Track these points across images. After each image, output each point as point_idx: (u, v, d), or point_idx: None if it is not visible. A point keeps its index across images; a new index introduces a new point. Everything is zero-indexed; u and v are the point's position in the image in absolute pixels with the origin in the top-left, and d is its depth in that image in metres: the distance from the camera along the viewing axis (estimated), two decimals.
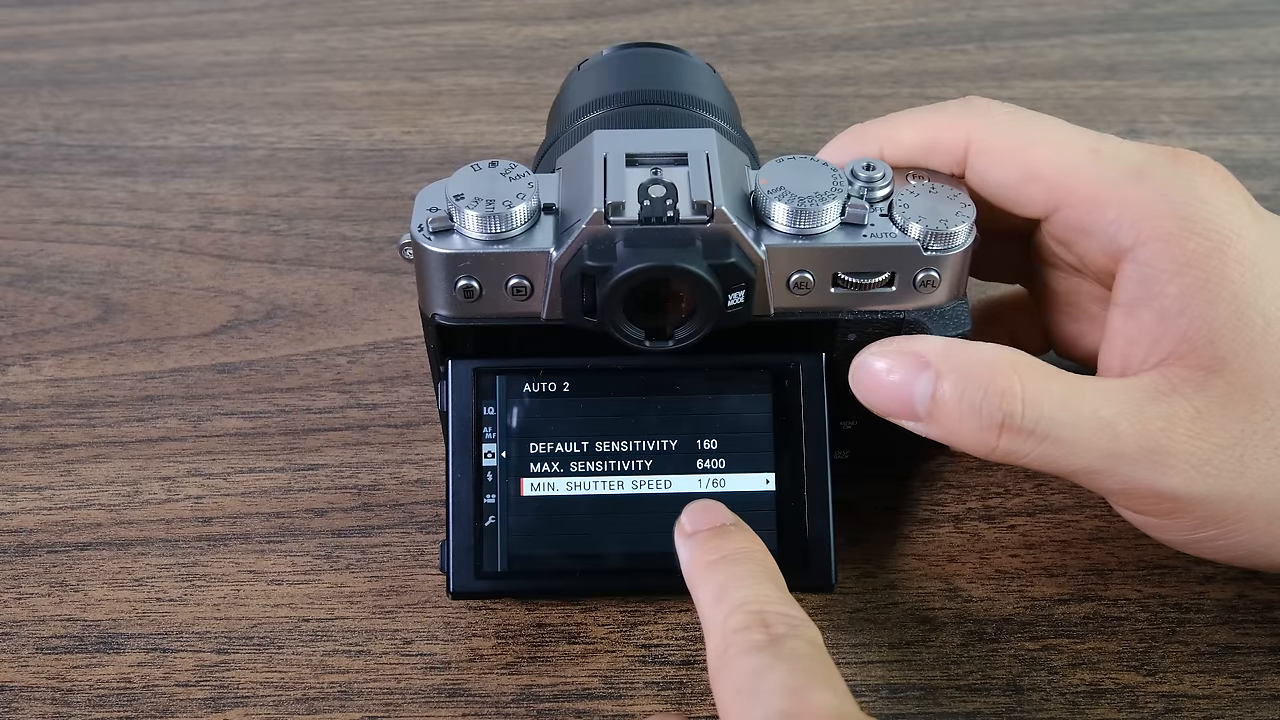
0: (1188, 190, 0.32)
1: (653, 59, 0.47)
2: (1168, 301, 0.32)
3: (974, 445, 0.32)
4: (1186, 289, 0.32)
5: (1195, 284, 0.32)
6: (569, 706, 0.35)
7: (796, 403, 0.36)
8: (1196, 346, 0.32)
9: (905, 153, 0.36)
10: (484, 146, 0.58)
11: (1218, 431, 0.31)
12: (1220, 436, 0.31)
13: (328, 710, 0.35)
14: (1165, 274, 0.32)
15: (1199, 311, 0.32)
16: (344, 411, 0.44)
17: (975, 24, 0.67)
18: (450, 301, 0.34)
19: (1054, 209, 0.35)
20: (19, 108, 0.61)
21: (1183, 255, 0.32)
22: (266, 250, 0.52)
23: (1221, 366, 0.31)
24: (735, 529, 0.33)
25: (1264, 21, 0.66)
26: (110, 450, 0.43)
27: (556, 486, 0.36)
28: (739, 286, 0.33)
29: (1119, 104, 0.60)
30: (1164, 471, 0.31)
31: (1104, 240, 0.34)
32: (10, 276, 0.51)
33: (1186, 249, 0.32)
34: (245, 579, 0.39)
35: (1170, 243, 0.32)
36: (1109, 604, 0.38)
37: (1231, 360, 0.31)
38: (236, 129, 0.59)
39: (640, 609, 0.38)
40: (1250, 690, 0.35)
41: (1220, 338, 0.31)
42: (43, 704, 0.35)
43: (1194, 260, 0.32)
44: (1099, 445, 0.31)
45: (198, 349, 0.47)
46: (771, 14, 0.68)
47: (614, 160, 0.34)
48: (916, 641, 0.37)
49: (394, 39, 0.66)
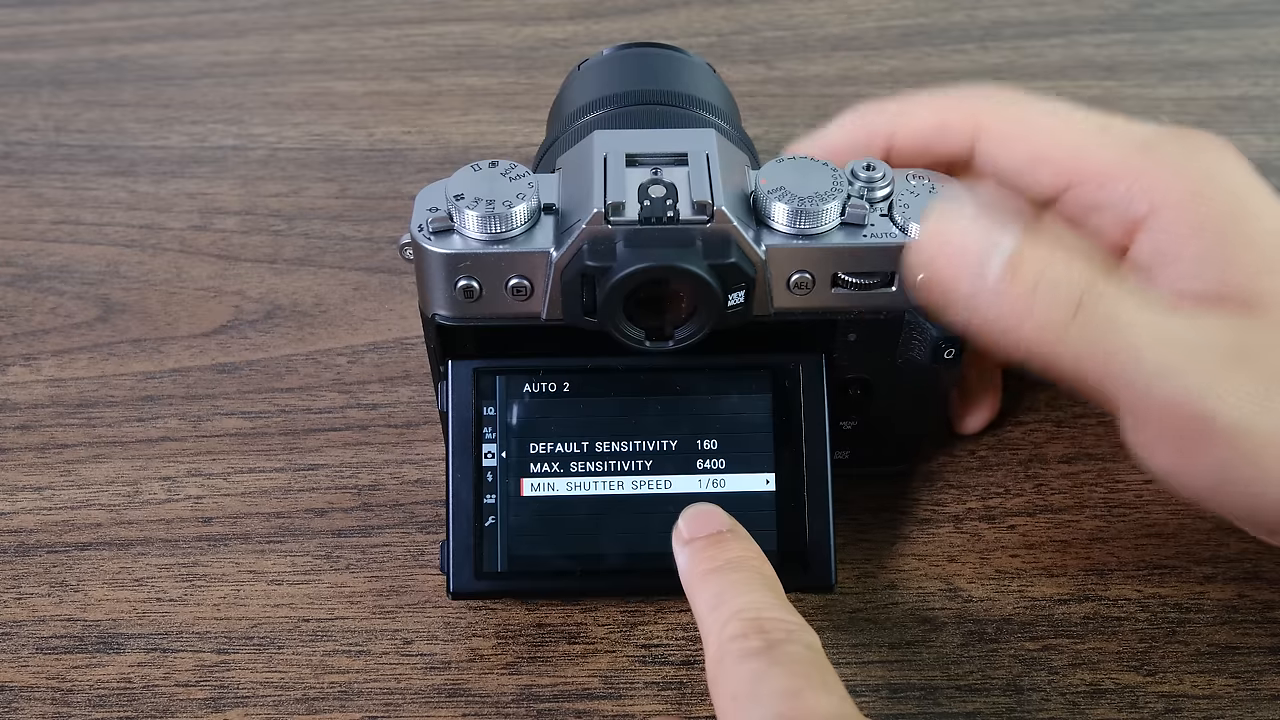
0: (1196, 161, 0.33)
1: (652, 59, 0.47)
2: (1184, 265, 0.32)
3: (1037, 329, 0.31)
4: (1202, 251, 0.32)
5: (1211, 245, 0.32)
6: (569, 706, 0.35)
7: (796, 403, 0.36)
8: (1223, 297, 0.31)
9: (914, 135, 0.36)
10: (484, 146, 0.58)
11: (1260, 363, 0.30)
12: (1261, 368, 0.30)
13: (328, 710, 0.35)
14: (1180, 238, 0.32)
15: (1217, 271, 0.31)
16: (344, 411, 0.44)
17: (975, 24, 0.67)
18: (450, 301, 0.34)
19: (1064, 188, 0.35)
20: (19, 108, 0.61)
21: (1197, 219, 0.32)
22: (266, 250, 0.52)
23: (1251, 309, 0.31)
24: (732, 536, 0.33)
25: (1264, 21, 0.66)
26: (110, 450, 0.43)
27: (556, 487, 0.36)
28: (739, 286, 0.33)
29: (1119, 104, 0.60)
30: (1204, 396, 0.30)
31: (1117, 213, 0.34)
32: (10, 276, 0.51)
33: (1200, 213, 0.32)
34: (245, 579, 0.39)
35: (1184, 208, 0.32)
36: (1109, 604, 0.38)
37: (1261, 301, 0.31)
38: (236, 129, 0.59)
39: (640, 609, 0.38)
40: (1250, 690, 0.35)
41: (1246, 285, 0.31)
42: (43, 704, 0.35)
43: (1208, 223, 0.32)
44: (1153, 356, 0.30)
45: (198, 349, 0.47)
46: (771, 14, 0.68)
47: (614, 160, 0.34)
48: (916, 641, 0.37)
49: (394, 39, 0.66)
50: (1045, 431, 0.43)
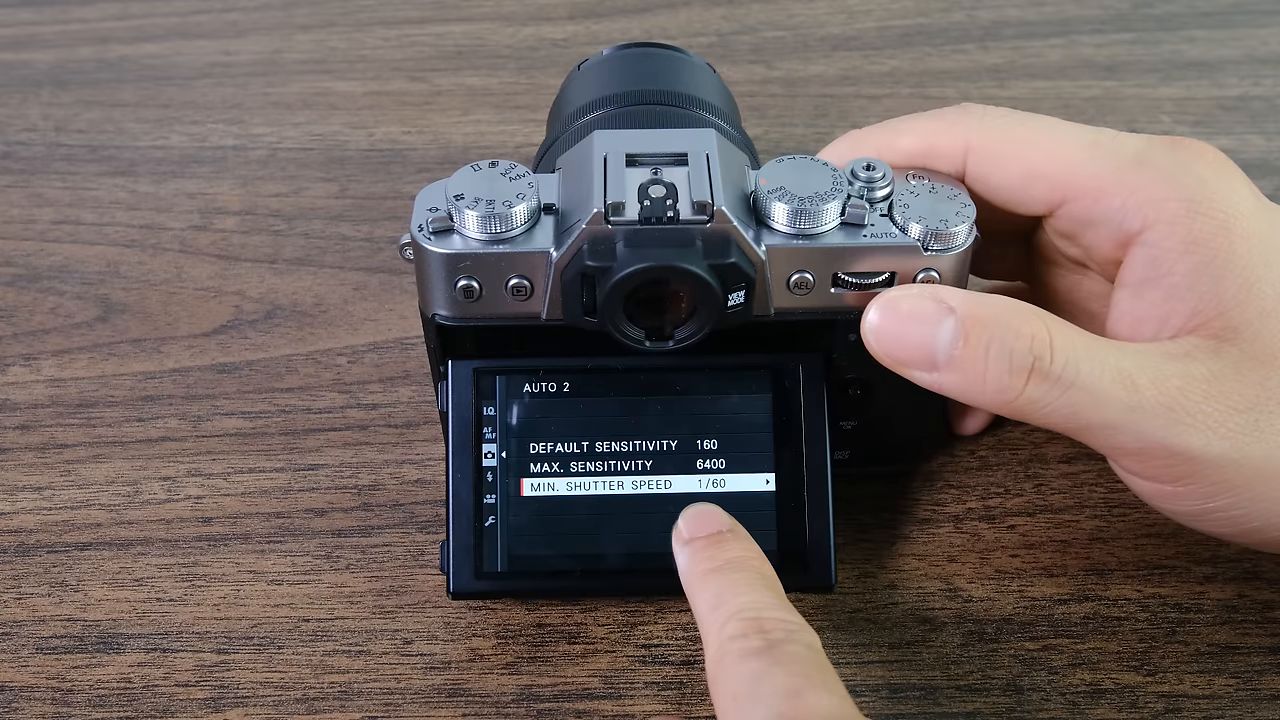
0: (1190, 173, 0.33)
1: (652, 59, 0.47)
2: (1176, 279, 0.32)
3: (995, 394, 0.31)
4: (1195, 267, 0.32)
5: (1203, 261, 0.32)
6: (569, 706, 0.35)
7: (796, 403, 0.36)
8: (1207, 319, 0.32)
9: (905, 159, 0.36)
10: (484, 146, 0.58)
11: (1233, 395, 0.31)
12: (1236, 400, 0.31)
13: (328, 710, 0.35)
14: (1173, 254, 0.32)
15: (1208, 287, 0.32)
16: (344, 411, 0.44)
17: (975, 24, 0.67)
18: (450, 301, 0.34)
19: (1058, 204, 0.35)
20: (19, 108, 0.61)
21: (1190, 235, 0.32)
22: (266, 250, 0.52)
23: (1234, 335, 0.31)
24: (732, 536, 0.33)
25: (1264, 21, 0.66)
26: (110, 450, 0.43)
27: (556, 487, 0.36)
28: (739, 286, 0.33)
29: (1119, 104, 0.60)
30: (1181, 430, 0.31)
31: (1111, 229, 0.34)
32: (10, 276, 0.51)
33: (1193, 229, 0.32)
34: (245, 579, 0.39)
35: (1177, 224, 0.32)
36: (1109, 604, 0.38)
37: (1244, 329, 0.31)
38: (236, 129, 0.59)
39: (640, 609, 0.38)
40: (1250, 690, 0.35)
41: (1231, 309, 0.32)
42: (43, 704, 0.35)
43: (1201, 239, 0.32)
44: (1120, 398, 0.31)
45: (198, 349, 0.47)
46: (771, 14, 0.68)
47: (614, 160, 0.34)
48: (916, 641, 0.37)
49: (394, 39, 0.66)
50: (1045, 431, 0.43)
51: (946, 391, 0.32)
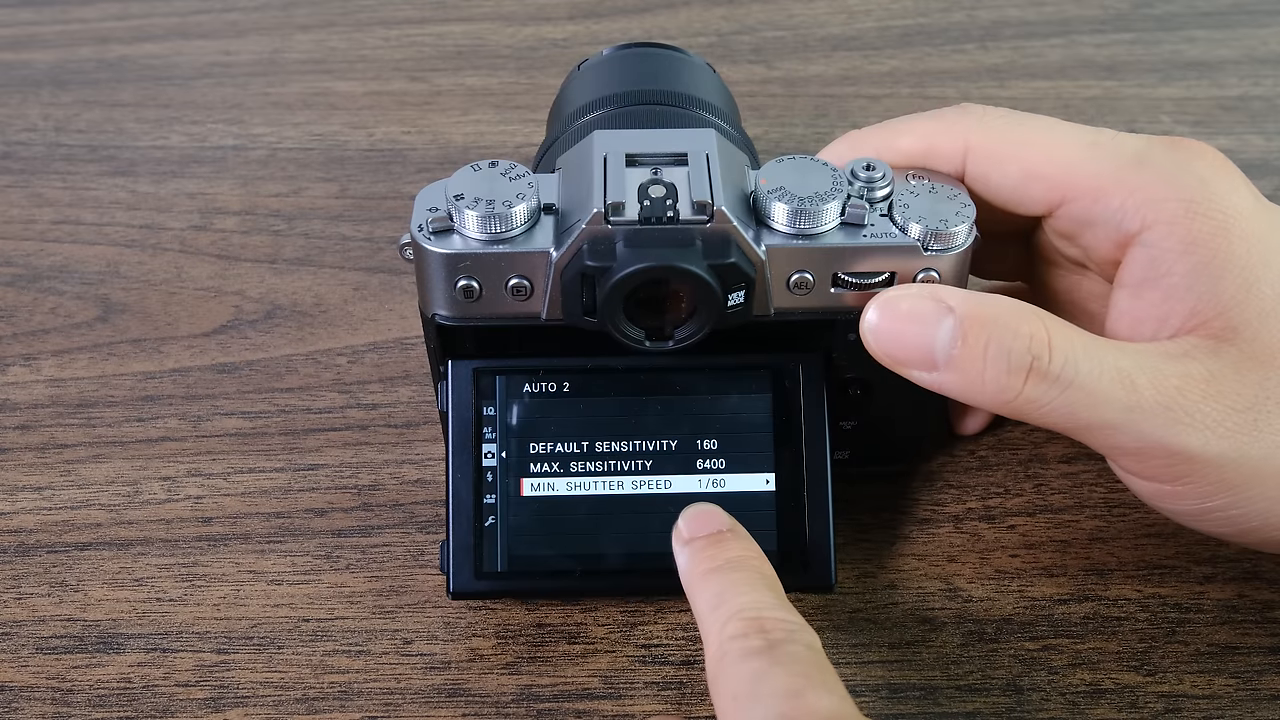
0: (1189, 173, 0.33)
1: (652, 59, 0.47)
2: (1175, 280, 0.32)
3: (994, 393, 0.31)
4: (1194, 267, 0.32)
5: (1202, 261, 0.32)
6: (569, 706, 0.35)
7: (796, 403, 0.36)
8: (1206, 319, 0.32)
9: (904, 159, 0.36)
10: (484, 146, 0.58)
11: (1232, 394, 0.31)
12: (1234, 399, 0.31)
13: (328, 710, 0.35)
14: (1173, 254, 0.32)
15: (1207, 287, 0.32)
16: (344, 411, 0.44)
17: (975, 24, 0.67)
18: (450, 301, 0.34)
19: (1057, 205, 0.35)
20: (19, 108, 0.61)
21: (1189, 235, 0.32)
22: (266, 250, 0.52)
23: (1233, 335, 0.31)
24: (732, 535, 0.33)
25: (1264, 21, 0.66)
26: (110, 450, 0.43)
27: (556, 486, 0.36)
28: (739, 286, 0.33)
29: (1119, 104, 0.60)
30: (1180, 430, 0.31)
31: (1110, 229, 0.34)
32: (10, 276, 0.51)
33: (1193, 229, 0.32)
34: (245, 579, 0.39)
35: (1177, 224, 0.32)
36: (1109, 604, 0.38)
37: (1243, 329, 0.31)
38: (236, 129, 0.59)
39: (640, 609, 0.38)
40: (1250, 690, 0.35)
41: (1230, 309, 0.32)
42: (43, 704, 0.35)
43: (1201, 239, 0.32)
44: (1119, 397, 0.31)
45: (198, 349, 0.47)
46: (771, 14, 0.68)
47: (614, 160, 0.34)
48: (916, 641, 0.37)
49: (394, 39, 0.66)
50: (1045, 431, 0.43)
51: (945, 391, 0.32)
